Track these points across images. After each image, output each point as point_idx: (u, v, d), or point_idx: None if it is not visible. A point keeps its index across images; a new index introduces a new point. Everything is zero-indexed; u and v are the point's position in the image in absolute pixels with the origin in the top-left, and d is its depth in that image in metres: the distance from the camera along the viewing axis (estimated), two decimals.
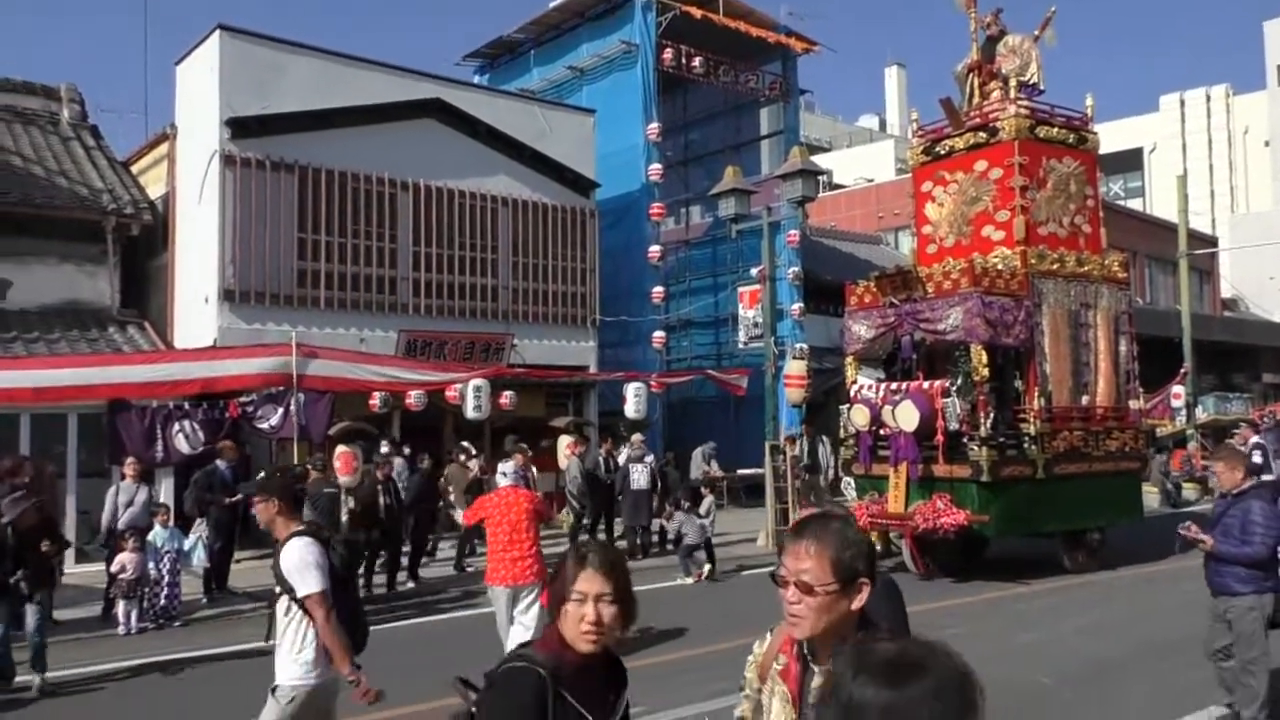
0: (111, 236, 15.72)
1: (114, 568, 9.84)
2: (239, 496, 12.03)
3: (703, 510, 12.74)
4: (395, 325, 16.50)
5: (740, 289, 20.30)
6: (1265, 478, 12.94)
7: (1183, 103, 59.51)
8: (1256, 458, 13.02)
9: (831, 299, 20.05)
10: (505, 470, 8.47)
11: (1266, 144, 52.29)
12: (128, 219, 15.84)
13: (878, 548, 13.16)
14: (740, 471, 20.34)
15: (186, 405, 13.16)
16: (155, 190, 17.31)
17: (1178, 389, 24.08)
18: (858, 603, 2.21)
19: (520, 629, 7.50)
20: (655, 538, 14.81)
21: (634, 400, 17.49)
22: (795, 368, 16.69)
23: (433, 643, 9.17)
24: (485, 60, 24.97)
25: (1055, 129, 13.31)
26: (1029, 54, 13.61)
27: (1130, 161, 58.82)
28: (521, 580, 7.57)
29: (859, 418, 12.76)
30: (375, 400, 14.74)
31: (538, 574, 7.50)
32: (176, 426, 12.77)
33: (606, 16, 22.18)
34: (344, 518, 11.50)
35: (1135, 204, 52.44)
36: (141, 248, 16.91)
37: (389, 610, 10.67)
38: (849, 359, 13.71)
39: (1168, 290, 35.46)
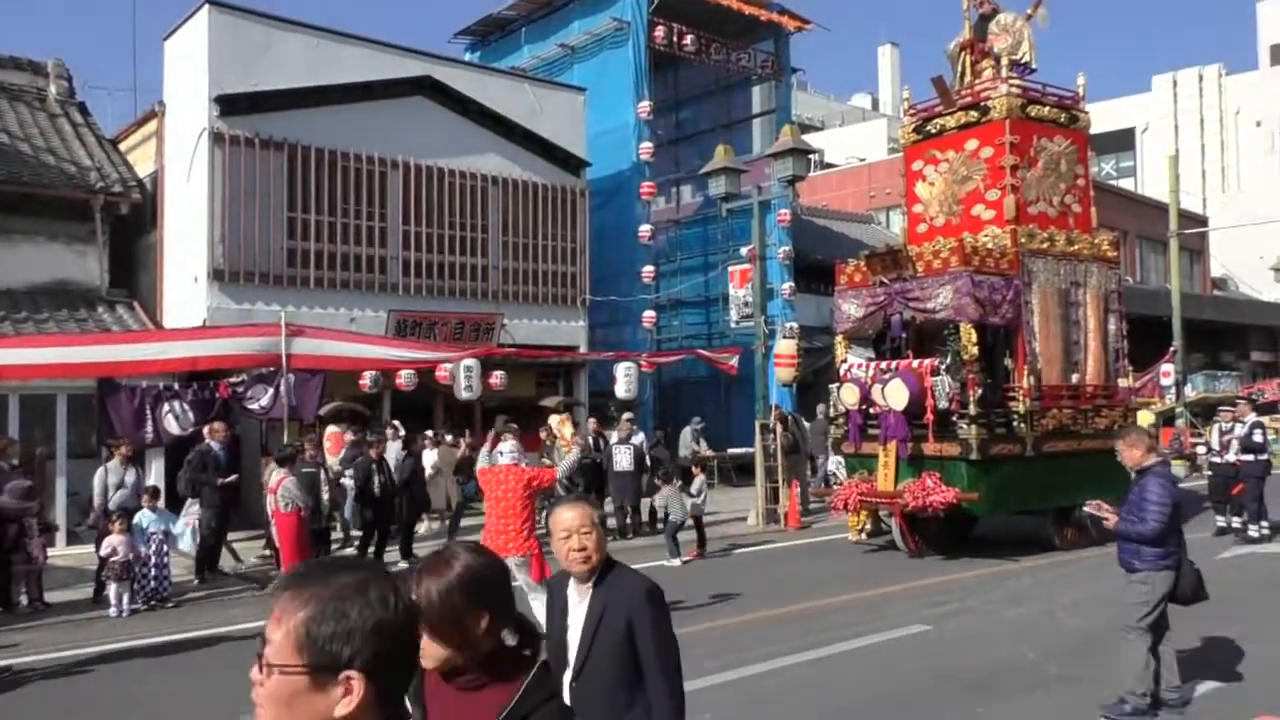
0: (100, 215, 15.62)
1: (104, 550, 9.83)
2: (233, 477, 12.07)
3: (694, 489, 12.78)
4: (385, 305, 16.46)
5: (731, 268, 20.28)
6: (1261, 456, 13.06)
7: (1175, 83, 59.42)
8: (1257, 436, 13.08)
9: (822, 278, 20.05)
10: (503, 450, 8.56)
11: (1258, 124, 52.30)
12: (116, 197, 15.73)
13: (867, 526, 13.25)
14: (731, 451, 20.40)
15: (176, 386, 13.12)
16: (144, 168, 17.19)
17: (1167, 367, 24.17)
18: (344, 708, 1.35)
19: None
20: (646, 517, 14.85)
21: (624, 380, 17.49)
22: (785, 347, 16.72)
23: None
24: (476, 38, 24.81)
25: (1047, 108, 13.29)
26: (1021, 33, 13.57)
27: (1122, 141, 58.79)
28: (505, 553, 7.72)
29: (849, 396, 12.79)
30: (365, 380, 14.73)
31: (523, 549, 7.85)
32: (166, 407, 12.73)
33: None
34: (324, 496, 11.51)
35: (1127, 184, 52.47)
36: (130, 227, 16.81)
37: None
38: (839, 338, 13.74)
39: (1158, 269, 35.55)
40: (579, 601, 3.15)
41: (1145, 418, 22.03)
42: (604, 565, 3.14)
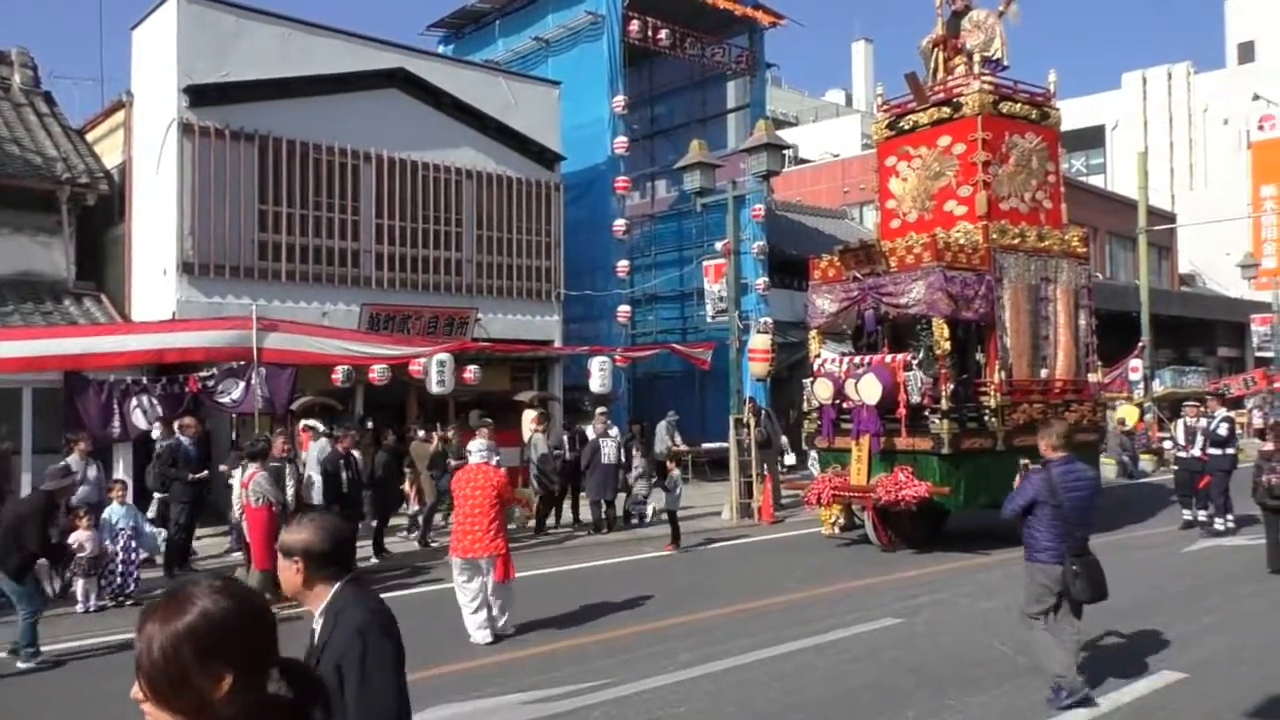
0: (66, 207, 15.39)
1: (71, 545, 9.68)
2: (203, 473, 11.93)
3: (669, 484, 12.80)
4: (358, 299, 16.34)
5: (705, 263, 20.31)
6: (1228, 450, 13.23)
7: (1145, 80, 60.11)
8: (1224, 430, 13.24)
9: (796, 273, 20.12)
10: (473, 447, 8.54)
11: (1226, 122, 53.02)
12: (83, 189, 15.51)
13: (840, 520, 13.31)
14: (705, 446, 20.43)
15: (145, 380, 12.96)
16: (111, 159, 16.95)
17: (1135, 363, 24.48)
18: None
19: (477, 597, 8.00)
20: (620, 512, 14.86)
21: (599, 375, 17.49)
22: (760, 342, 16.76)
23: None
24: (449, 30, 24.66)
25: (1018, 105, 13.39)
26: (993, 29, 13.66)
27: (1093, 138, 59.41)
28: (471, 554, 8.02)
29: (822, 391, 12.85)
30: (338, 375, 14.62)
31: (489, 549, 7.96)
32: (134, 401, 12.59)
33: None
34: (290, 491, 11.38)
35: (1097, 180, 53.04)
36: (98, 218, 16.57)
37: None
38: (813, 333, 13.79)
39: (1127, 265, 35.98)
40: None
41: (1131, 413, 22.33)
42: (339, 590, 2.71)
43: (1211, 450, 13.16)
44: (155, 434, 12.55)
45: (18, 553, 7.74)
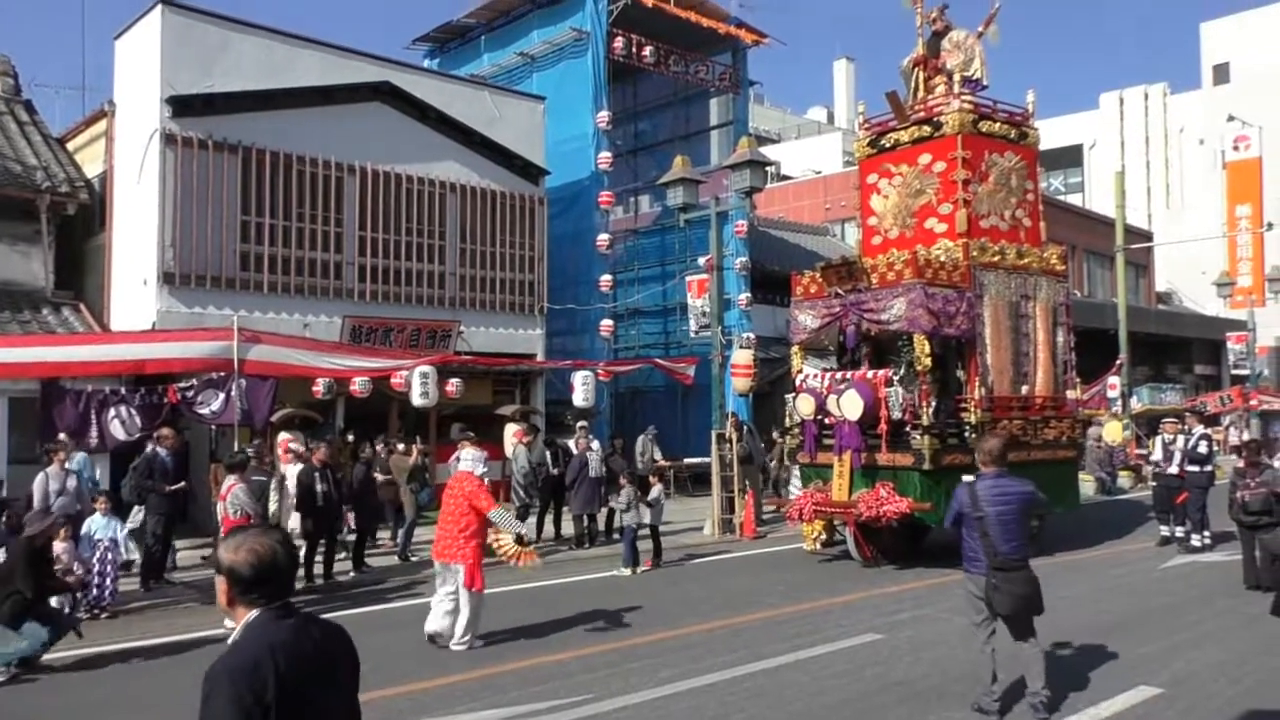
0: (46, 216, 15.31)
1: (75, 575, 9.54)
2: (181, 484, 11.83)
3: (651, 498, 12.79)
4: (340, 311, 16.30)
5: (688, 278, 20.38)
6: (1206, 468, 13.33)
7: (1122, 101, 60.92)
8: (1202, 447, 13.36)
9: (778, 289, 20.21)
10: (462, 455, 8.74)
11: (1201, 142, 53.72)
12: (63, 198, 15.43)
13: (822, 536, 13.33)
14: (687, 461, 20.44)
15: (123, 390, 12.87)
16: (92, 169, 16.87)
17: (1113, 380, 24.71)
18: None
19: (447, 602, 8.25)
20: (602, 526, 14.83)
21: (581, 389, 17.49)
22: (742, 357, 16.80)
23: (372, 632, 9.11)
24: (435, 44, 24.72)
25: (997, 124, 13.53)
26: (973, 49, 13.81)
27: (1071, 157, 60.10)
28: (443, 558, 8.33)
29: (804, 406, 12.90)
30: (319, 387, 14.57)
31: (460, 556, 8.20)
32: (112, 412, 12.50)
33: (558, 3, 22.07)
34: (273, 506, 11.32)
35: (1075, 199, 53.60)
36: (78, 228, 16.48)
37: (328, 600, 10.56)
38: (795, 348, 13.85)
39: (1105, 283, 36.35)
40: None
41: (1115, 431, 22.46)
42: (252, 620, 2.58)
43: (1189, 467, 13.28)
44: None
45: (8, 600, 7.67)
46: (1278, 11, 48.73)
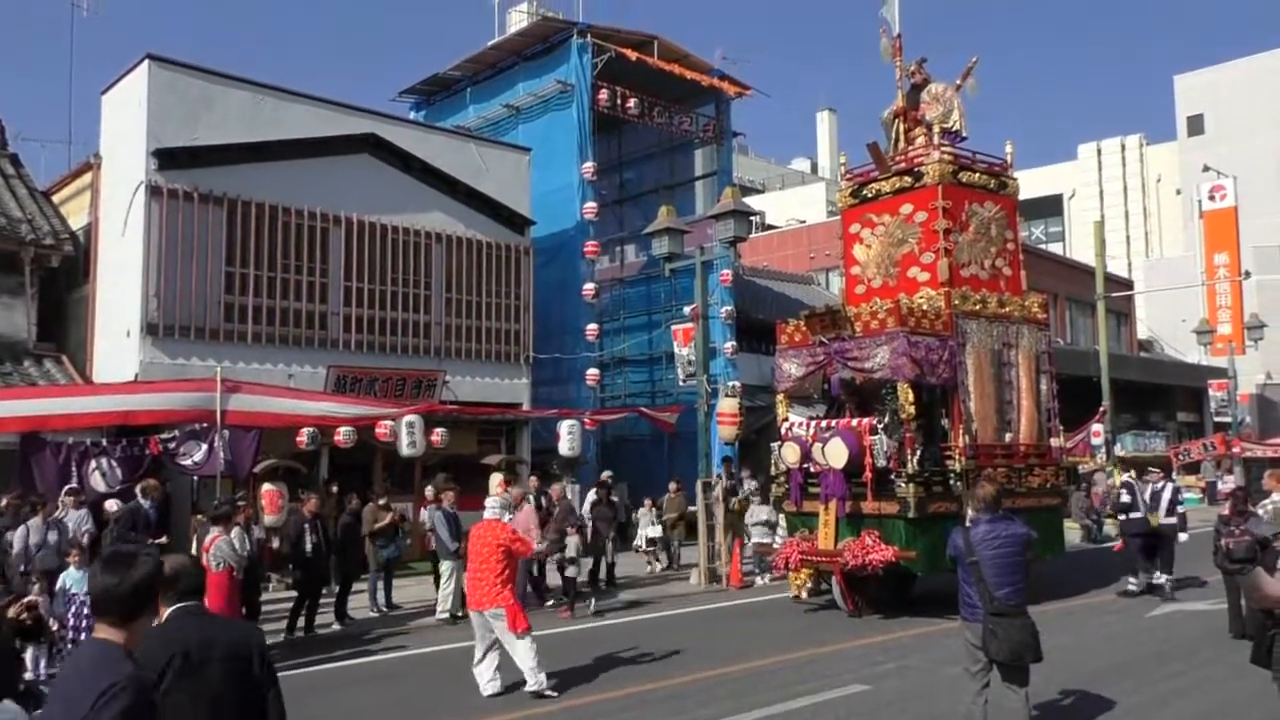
0: (30, 267, 15.29)
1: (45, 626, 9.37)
2: (163, 538, 11.67)
3: (569, 554, 12.80)
4: (325, 360, 16.26)
5: (674, 327, 20.45)
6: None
7: (1099, 151, 61.98)
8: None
9: (763, 337, 20.29)
10: (490, 504, 8.84)
11: (1178, 192, 54.57)
12: (47, 250, 15.43)
13: (807, 585, 13.24)
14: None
15: (104, 442, 12.76)
16: (77, 221, 16.88)
17: (1097, 427, 24.79)
18: None
19: (489, 662, 8.38)
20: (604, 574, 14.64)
21: (568, 438, 17.44)
22: (728, 405, 16.80)
23: (353, 686, 8.98)
24: (421, 97, 24.98)
25: (977, 174, 13.73)
26: (951, 101, 14.05)
27: (1051, 207, 60.93)
28: (480, 606, 8.39)
29: (790, 455, 12.89)
30: (303, 437, 14.48)
31: (496, 601, 8.24)
32: (93, 464, 12.37)
33: (543, 56, 22.39)
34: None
35: (1056, 248, 54.24)
36: (61, 279, 16.45)
37: (305, 654, 10.41)
38: (780, 396, 13.87)
39: (1087, 331, 36.64)
40: None
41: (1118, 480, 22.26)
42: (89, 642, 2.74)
43: (1167, 519, 13.26)
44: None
45: None
46: (1248, 64, 49.85)
